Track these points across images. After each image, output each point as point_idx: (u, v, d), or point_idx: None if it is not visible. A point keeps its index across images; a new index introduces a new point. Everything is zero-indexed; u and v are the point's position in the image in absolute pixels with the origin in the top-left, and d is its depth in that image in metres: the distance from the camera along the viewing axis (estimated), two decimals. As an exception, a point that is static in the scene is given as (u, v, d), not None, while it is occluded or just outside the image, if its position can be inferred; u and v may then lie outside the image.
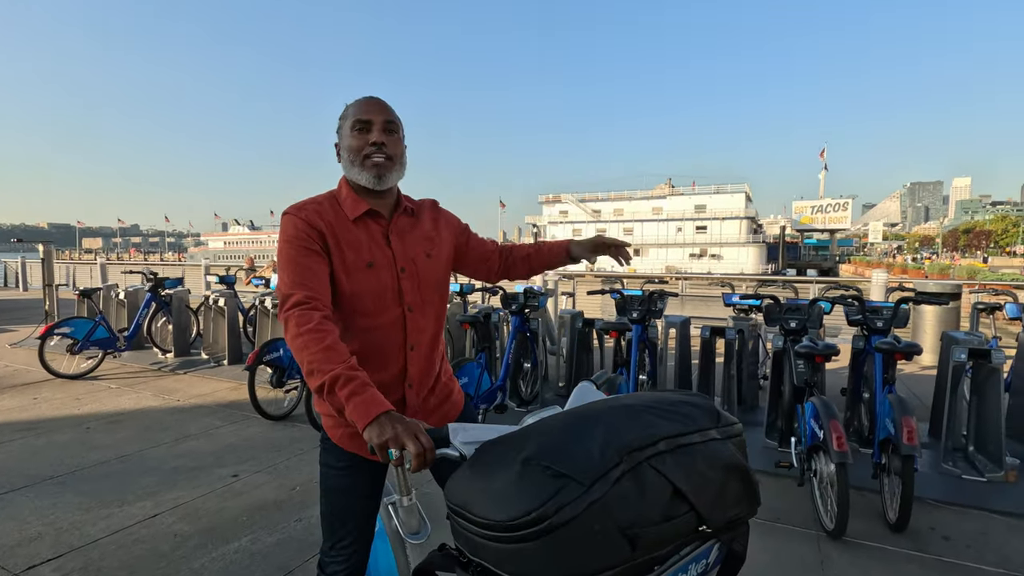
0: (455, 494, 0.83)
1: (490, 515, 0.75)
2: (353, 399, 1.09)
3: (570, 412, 0.92)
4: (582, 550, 0.71)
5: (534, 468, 0.77)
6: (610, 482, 0.73)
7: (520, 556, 0.72)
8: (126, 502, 3.02)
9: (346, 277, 1.35)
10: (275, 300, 6.09)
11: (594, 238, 1.59)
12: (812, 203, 65.35)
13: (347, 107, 1.45)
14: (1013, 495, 3.11)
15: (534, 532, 0.71)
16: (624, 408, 0.87)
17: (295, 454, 3.75)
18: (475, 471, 0.84)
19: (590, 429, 0.82)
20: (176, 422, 4.42)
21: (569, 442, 0.80)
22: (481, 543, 0.77)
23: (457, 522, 0.82)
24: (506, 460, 0.82)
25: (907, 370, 6.54)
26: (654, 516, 0.75)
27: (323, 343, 1.18)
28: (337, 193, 1.45)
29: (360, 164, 1.39)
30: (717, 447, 0.85)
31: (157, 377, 5.98)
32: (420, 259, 1.46)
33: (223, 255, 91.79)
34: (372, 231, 1.41)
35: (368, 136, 1.39)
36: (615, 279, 7.87)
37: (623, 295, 4.21)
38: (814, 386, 3.13)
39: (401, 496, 1.70)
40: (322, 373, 1.14)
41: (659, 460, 0.78)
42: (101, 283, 12.41)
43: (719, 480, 0.82)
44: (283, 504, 3.02)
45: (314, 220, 1.35)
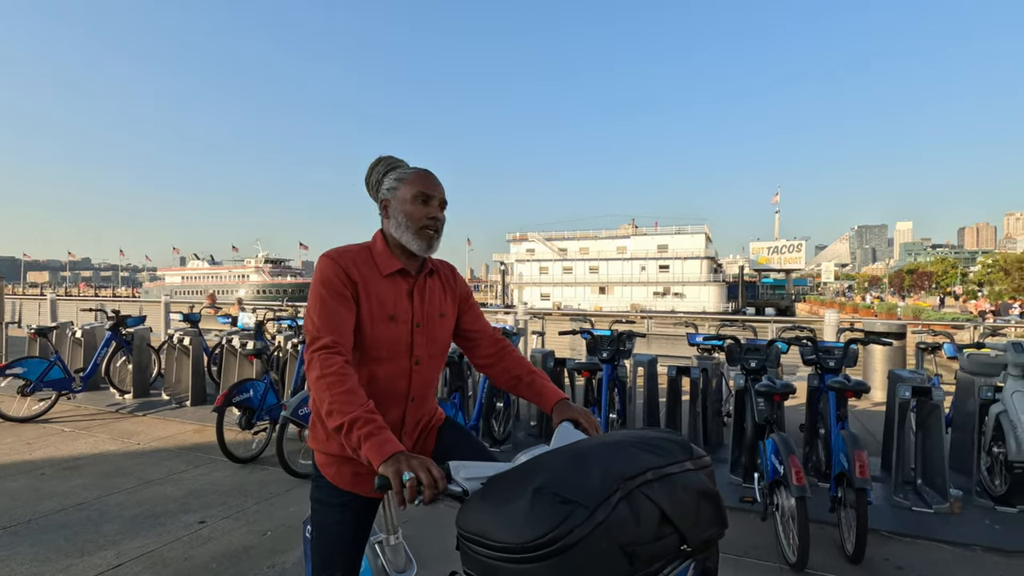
0: (469, 524, 0.91)
1: (508, 539, 0.83)
2: (370, 439, 1.18)
3: (567, 448, 1.03)
4: (590, 567, 0.81)
5: (545, 496, 0.86)
6: (611, 507, 0.84)
7: (535, 573, 0.81)
8: (86, 552, 2.91)
9: (369, 326, 1.46)
10: (242, 340, 6.02)
11: (577, 414, 1.46)
12: (768, 244, 68.21)
13: (403, 171, 1.56)
14: (958, 526, 3.31)
15: (549, 552, 0.80)
16: (615, 444, 1.00)
17: (264, 498, 3.67)
18: (487, 502, 0.93)
19: (589, 462, 0.93)
20: (137, 467, 4.27)
21: (573, 473, 0.90)
22: (497, 566, 0.85)
23: (471, 549, 0.90)
24: (516, 491, 0.91)
25: (860, 406, 6.85)
26: (647, 536, 0.86)
27: (344, 386, 1.27)
28: (372, 246, 1.55)
29: (415, 232, 1.51)
30: (692, 476, 0.97)
31: (115, 419, 5.75)
32: (434, 318, 1.58)
33: (181, 290, 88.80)
34: (399, 287, 1.52)
35: (428, 210, 1.52)
36: (583, 318, 8.06)
37: (593, 335, 4.36)
38: (774, 423, 3.31)
39: (388, 535, 1.75)
40: (342, 414, 1.23)
41: (648, 487, 0.90)
42: (51, 320, 11.90)
43: (695, 505, 0.93)
44: (253, 550, 2.96)
45: (351, 269, 1.45)
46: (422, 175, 1.55)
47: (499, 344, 1.71)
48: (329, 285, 1.42)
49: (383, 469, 1.11)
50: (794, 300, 65.42)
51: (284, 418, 3.96)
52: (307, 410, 4.04)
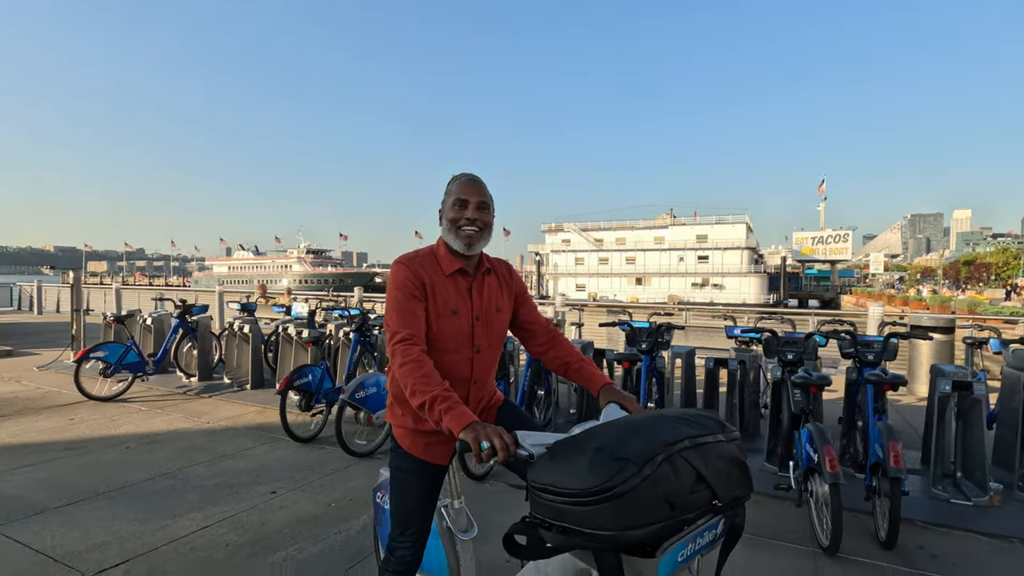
0: (540, 477, 1.12)
1: (573, 487, 1.05)
2: (449, 413, 1.39)
3: (620, 420, 1.25)
4: (639, 509, 1.02)
5: (602, 454, 1.08)
6: (655, 465, 1.04)
7: (596, 514, 1.02)
8: (177, 515, 3.28)
9: (435, 320, 1.68)
10: (297, 328, 6.42)
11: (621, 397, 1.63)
12: (813, 234, 65.95)
13: (451, 183, 1.78)
14: (997, 518, 3.35)
15: (606, 497, 1.01)
16: (660, 417, 1.20)
17: (326, 473, 4.00)
18: (555, 461, 1.15)
19: (638, 430, 1.13)
20: (210, 443, 4.68)
21: (625, 438, 1.11)
22: (564, 509, 1.06)
23: (541, 497, 1.10)
24: (578, 451, 1.12)
25: (904, 401, 6.77)
26: (684, 490, 1.05)
27: (423, 370, 1.50)
28: (436, 250, 1.78)
29: (455, 232, 1.72)
30: (723, 446, 1.15)
31: (185, 400, 6.25)
32: (491, 312, 1.80)
33: (228, 279, 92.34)
34: (459, 285, 1.75)
35: (464, 212, 1.72)
36: (622, 310, 8.17)
37: (632, 327, 4.51)
38: (810, 413, 3.40)
39: (453, 500, 2.00)
40: (423, 393, 1.45)
41: (686, 452, 1.09)
42: (116, 308, 12.77)
43: (726, 468, 1.12)
44: (321, 518, 3.27)
45: (419, 272, 1.69)
46: (462, 183, 1.75)
47: (552, 334, 1.92)
48: (404, 288, 1.65)
49: (463, 435, 1.32)
50: (839, 292, 63.17)
51: (342, 401, 4.28)
52: (363, 394, 4.35)
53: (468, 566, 1.95)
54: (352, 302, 10.18)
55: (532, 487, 1.13)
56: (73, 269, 8.91)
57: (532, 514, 1.13)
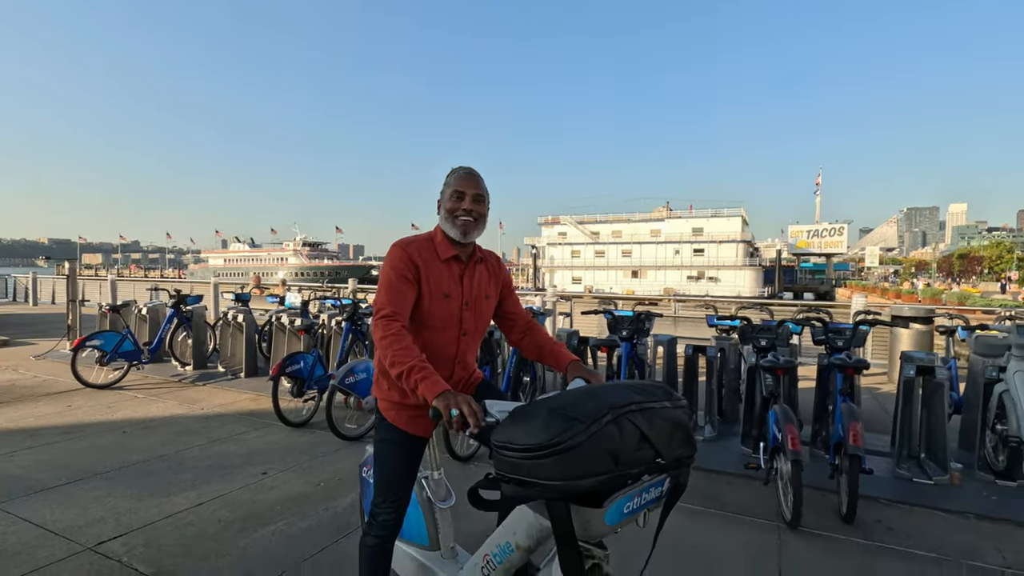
0: (500, 435, 1.28)
1: (527, 442, 1.20)
2: (424, 382, 1.53)
3: (578, 388, 1.41)
4: (584, 462, 1.16)
5: (556, 414, 1.22)
6: (601, 424, 1.18)
7: (546, 467, 1.17)
8: (172, 493, 3.42)
9: (428, 302, 1.82)
10: (290, 317, 6.54)
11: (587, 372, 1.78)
12: (808, 227, 66.16)
13: (450, 175, 1.91)
14: (955, 496, 3.52)
15: (555, 451, 1.16)
16: (613, 385, 1.36)
17: (316, 456, 4.14)
18: (514, 421, 1.30)
19: (591, 395, 1.28)
20: (204, 428, 4.82)
21: (578, 401, 1.25)
22: (519, 463, 1.21)
23: (502, 453, 1.25)
24: (535, 413, 1.27)
25: (884, 389, 6.95)
26: (628, 447, 1.19)
27: (402, 343, 1.64)
28: (433, 236, 1.92)
29: (452, 221, 1.85)
30: (669, 411, 1.29)
31: (180, 388, 6.38)
32: (480, 298, 1.93)
33: (224, 272, 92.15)
34: (452, 271, 1.88)
35: (461, 203, 1.85)
36: (610, 300, 8.31)
37: (614, 315, 4.65)
38: (778, 396, 3.56)
39: (432, 471, 2.14)
40: (401, 364, 1.58)
41: (633, 415, 1.22)
42: (111, 299, 12.85)
43: (669, 430, 1.26)
44: (310, 496, 3.42)
45: (414, 255, 1.82)
46: (460, 175, 1.89)
47: (529, 324, 2.08)
48: (397, 269, 1.78)
49: (435, 403, 1.45)
50: (835, 285, 63.52)
51: (333, 386, 4.42)
52: (352, 379, 4.48)
53: (447, 532, 2.09)
54: (345, 292, 10.31)
55: (494, 445, 1.28)
56: (68, 260, 9.00)
57: (496, 471, 1.28)
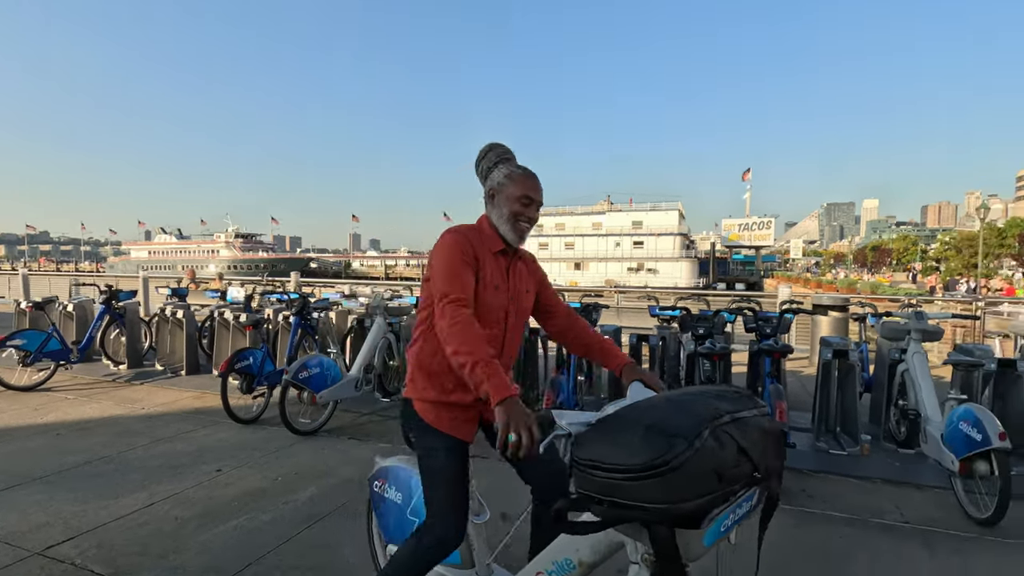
0: (589, 453, 1.17)
1: (627, 462, 1.10)
2: (492, 379, 1.43)
3: (658, 398, 1.34)
4: (690, 483, 1.07)
5: (655, 431, 1.12)
6: (703, 439, 1.09)
7: (649, 488, 1.07)
8: (120, 495, 3.33)
9: (481, 291, 1.74)
10: (234, 312, 6.37)
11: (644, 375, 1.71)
12: (739, 221, 69.69)
13: (513, 168, 1.80)
14: (864, 464, 3.96)
15: (660, 472, 1.06)
16: (700, 395, 1.26)
17: (270, 452, 4.12)
18: (604, 438, 1.18)
19: (683, 407, 1.19)
20: (146, 428, 4.66)
21: (673, 415, 1.17)
22: (616, 484, 1.10)
23: (589, 473, 1.15)
24: (628, 429, 1.17)
25: (806, 372, 7.58)
26: (729, 462, 1.11)
27: (472, 331, 1.53)
28: (481, 227, 1.83)
29: (512, 224, 1.78)
30: (759, 420, 1.22)
31: (115, 388, 6.09)
32: (522, 294, 1.88)
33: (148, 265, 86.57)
34: (500, 264, 1.82)
35: (528, 210, 1.79)
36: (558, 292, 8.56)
37: (564, 307, 4.86)
38: (715, 380, 3.87)
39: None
40: (469, 354, 1.48)
41: (727, 427, 1.14)
42: (23, 294, 11.94)
43: (762, 441, 1.18)
44: (269, 491, 3.42)
45: (474, 242, 1.75)
46: (530, 178, 1.80)
47: (570, 316, 2.00)
48: (459, 254, 1.69)
49: (497, 410, 1.37)
50: (763, 276, 67.34)
51: (286, 381, 4.39)
52: (306, 374, 4.47)
53: (482, 549, 1.96)
54: (289, 287, 10.05)
55: (580, 464, 1.18)
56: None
57: (580, 490, 1.18)
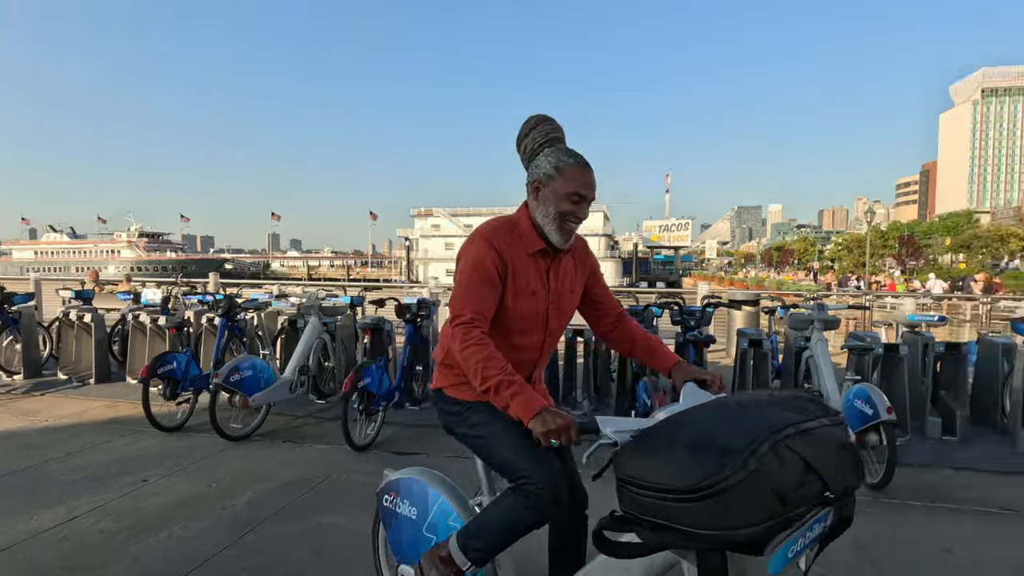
0: (631, 469, 1.05)
1: (671, 482, 0.96)
2: (517, 398, 1.36)
3: (711, 405, 1.17)
4: (745, 507, 0.93)
5: (702, 446, 0.99)
6: (759, 456, 0.94)
7: (697, 512, 0.94)
8: (37, 510, 3.07)
9: (512, 300, 1.60)
10: (151, 315, 5.98)
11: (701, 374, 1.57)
12: (659, 223, 73.27)
13: (563, 158, 1.58)
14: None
15: (710, 493, 0.93)
16: (756, 402, 1.11)
17: (201, 458, 3.93)
18: (647, 452, 1.06)
19: (736, 417, 1.05)
20: (53, 440, 4.29)
21: (724, 427, 1.03)
22: (662, 505, 0.98)
23: (634, 492, 1.03)
24: (673, 442, 1.03)
25: (723, 363, 8.16)
26: (792, 482, 0.95)
27: (485, 352, 1.45)
28: (518, 223, 1.64)
29: (558, 224, 1.59)
30: (831, 431, 1.05)
31: (10, 400, 5.53)
32: (565, 294, 1.71)
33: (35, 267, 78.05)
34: (539, 265, 1.64)
35: (577, 209, 1.58)
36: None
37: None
38: (646, 370, 4.13)
39: (485, 496, 1.83)
40: (487, 378, 1.41)
41: (791, 440, 0.98)
42: None
43: (835, 456, 1.02)
44: (204, 497, 3.28)
45: (503, 250, 1.58)
46: (583, 173, 1.58)
47: (620, 315, 1.85)
48: (481, 266, 1.54)
49: (533, 424, 1.31)
50: (681, 275, 71.08)
51: (216, 385, 4.21)
52: (237, 377, 4.30)
53: (507, 568, 1.77)
54: (209, 288, 9.51)
55: (623, 480, 1.07)
56: None
57: (623, 509, 1.07)
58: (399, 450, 4.17)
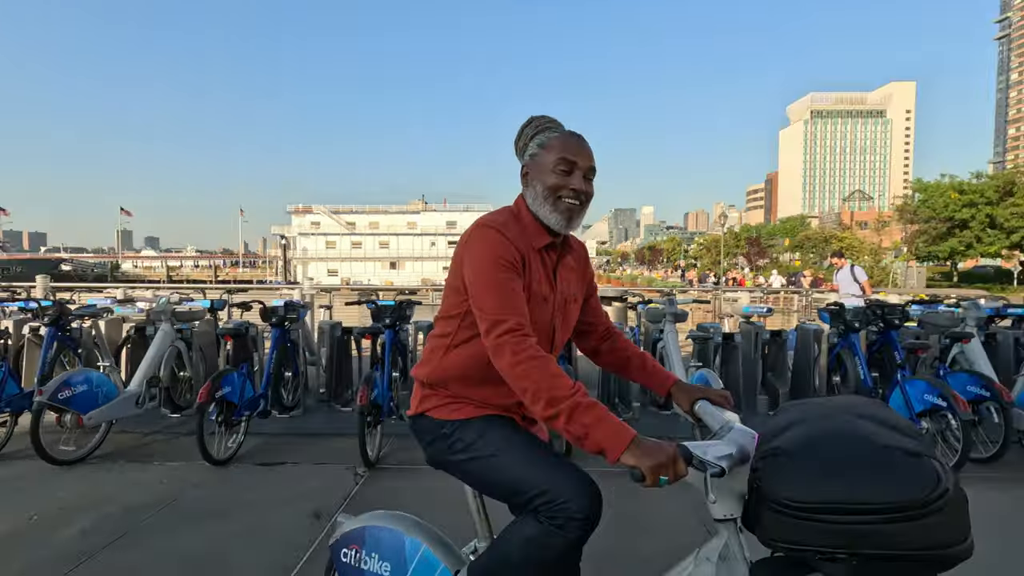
0: (813, 494, 0.89)
1: (891, 498, 0.84)
2: (600, 426, 1.10)
3: (831, 415, 1.06)
4: (959, 518, 0.86)
5: (909, 456, 0.89)
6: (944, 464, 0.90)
7: (928, 529, 0.83)
8: None
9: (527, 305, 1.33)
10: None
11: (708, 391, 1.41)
12: (543, 223, 75.85)
13: (546, 132, 1.41)
14: (635, 425, 4.77)
15: (942, 503, 0.83)
16: (859, 410, 1.06)
17: (18, 489, 3.43)
18: (823, 471, 0.91)
19: (884, 424, 0.98)
20: None
21: (888, 436, 0.93)
22: (874, 530, 0.84)
23: (827, 519, 0.88)
24: (846, 455, 0.91)
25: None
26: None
27: (548, 369, 1.18)
28: (517, 215, 1.41)
29: (552, 204, 1.36)
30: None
31: None
32: (570, 302, 1.47)
33: None
34: (546, 265, 1.40)
35: (569, 179, 1.35)
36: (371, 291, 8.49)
37: (377, 305, 4.91)
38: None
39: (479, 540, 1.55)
40: (556, 401, 1.14)
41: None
42: None
43: None
44: (24, 533, 2.88)
45: (517, 242, 1.33)
46: (568, 139, 1.38)
47: (609, 330, 1.66)
48: (502, 261, 1.29)
49: (630, 458, 1.06)
50: (564, 273, 74.23)
51: (40, 404, 3.69)
52: (68, 393, 3.82)
53: None
54: (36, 293, 8.23)
55: (804, 509, 0.91)
56: None
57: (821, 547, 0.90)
58: (264, 461, 3.96)
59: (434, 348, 1.44)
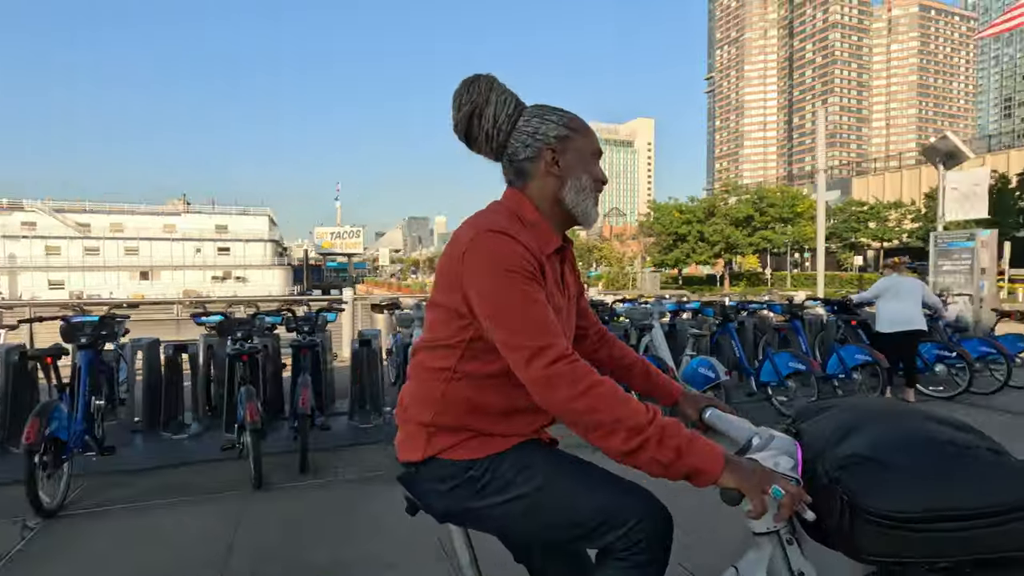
0: (921, 503, 0.88)
1: (1004, 500, 0.85)
2: (693, 447, 0.98)
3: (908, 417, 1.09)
4: None
5: (984, 453, 0.92)
6: None
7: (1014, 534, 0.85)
8: None
9: None
10: None
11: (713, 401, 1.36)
12: (331, 229, 72.19)
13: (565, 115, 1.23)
14: (388, 432, 4.82)
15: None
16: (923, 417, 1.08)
17: None
18: (923, 478, 0.90)
19: (960, 428, 1.01)
20: None
21: (963, 437, 0.96)
22: (988, 533, 0.85)
23: (939, 528, 0.87)
24: (947, 457, 0.92)
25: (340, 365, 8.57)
26: None
27: (617, 395, 1.03)
28: (521, 216, 1.18)
29: (592, 197, 1.22)
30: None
31: None
32: (572, 306, 1.32)
33: None
34: (555, 271, 1.21)
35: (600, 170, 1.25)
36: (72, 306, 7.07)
37: (69, 322, 4.10)
38: (247, 379, 3.99)
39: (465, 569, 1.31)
40: (640, 428, 0.99)
41: None
42: None
43: None
44: None
45: (534, 249, 1.11)
46: (590, 128, 1.26)
47: (602, 334, 1.51)
48: (524, 274, 1.07)
49: (734, 482, 0.96)
50: (355, 281, 71.73)
51: None
52: None
53: None
54: None
55: (909, 518, 0.88)
56: None
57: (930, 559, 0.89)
58: (102, 503, 3.33)
59: (428, 382, 1.21)
